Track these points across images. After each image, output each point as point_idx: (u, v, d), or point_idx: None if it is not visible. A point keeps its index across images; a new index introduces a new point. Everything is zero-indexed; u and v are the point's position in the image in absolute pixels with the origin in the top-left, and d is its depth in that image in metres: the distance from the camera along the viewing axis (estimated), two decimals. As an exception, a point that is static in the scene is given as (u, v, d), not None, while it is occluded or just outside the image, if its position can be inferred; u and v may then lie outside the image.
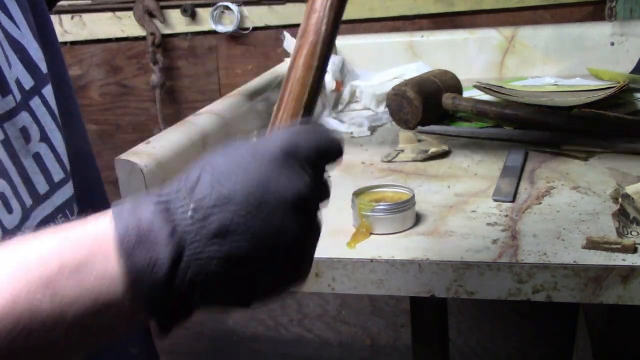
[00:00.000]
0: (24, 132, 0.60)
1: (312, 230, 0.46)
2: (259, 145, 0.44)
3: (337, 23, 0.53)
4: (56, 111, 0.64)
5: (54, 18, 1.76)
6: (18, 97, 0.60)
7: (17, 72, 0.60)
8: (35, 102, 0.62)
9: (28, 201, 0.59)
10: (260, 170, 0.43)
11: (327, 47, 0.53)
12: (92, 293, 0.40)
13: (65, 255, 0.41)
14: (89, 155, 0.75)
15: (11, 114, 0.59)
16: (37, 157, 0.61)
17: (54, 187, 0.63)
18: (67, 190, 0.64)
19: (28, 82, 0.61)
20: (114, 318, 0.41)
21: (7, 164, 0.57)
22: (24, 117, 0.60)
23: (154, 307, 0.41)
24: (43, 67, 0.63)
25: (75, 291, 0.40)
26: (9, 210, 0.56)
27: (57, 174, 0.63)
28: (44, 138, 0.62)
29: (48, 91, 0.63)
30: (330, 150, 0.47)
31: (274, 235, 0.42)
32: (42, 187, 0.61)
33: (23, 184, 0.59)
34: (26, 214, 0.59)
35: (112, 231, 0.41)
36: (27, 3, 0.64)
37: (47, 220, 0.62)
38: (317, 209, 0.46)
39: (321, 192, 0.47)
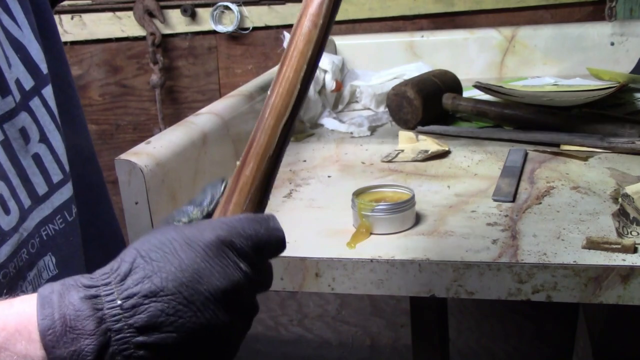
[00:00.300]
0: (24, 133, 0.60)
1: (244, 319, 0.46)
2: (196, 233, 0.44)
3: None
4: (56, 112, 0.64)
5: (54, 18, 1.76)
6: (18, 97, 0.60)
7: (17, 73, 0.60)
8: (35, 103, 0.62)
9: (27, 202, 0.59)
10: (195, 262, 0.43)
11: (333, 7, 0.52)
12: None
13: None
14: (91, 156, 0.75)
15: (11, 114, 0.59)
16: (36, 158, 0.61)
17: (53, 188, 0.63)
18: (66, 192, 0.64)
19: (28, 83, 0.61)
20: None
21: (5, 164, 0.57)
22: (23, 118, 0.60)
23: None
24: (43, 67, 0.63)
25: None
26: (7, 211, 0.56)
27: (56, 175, 0.63)
28: (43, 139, 0.62)
29: (48, 92, 0.63)
30: (269, 243, 0.46)
31: (204, 327, 0.42)
32: (41, 188, 0.61)
33: (22, 185, 0.59)
34: (24, 215, 0.58)
35: (36, 316, 0.41)
36: (29, 4, 0.64)
37: (46, 221, 0.61)
38: (253, 296, 0.46)
39: (259, 282, 0.46)
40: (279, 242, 0.47)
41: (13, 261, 0.56)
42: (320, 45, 0.52)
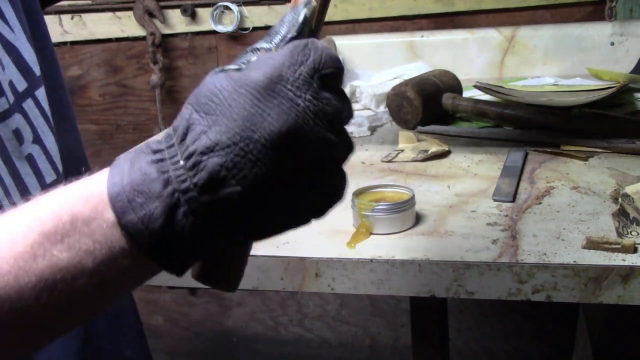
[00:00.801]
0: (17, 134, 0.61)
1: (322, 162, 0.43)
2: (242, 77, 0.41)
3: None
4: (49, 113, 0.64)
5: (54, 18, 1.76)
6: (11, 99, 0.60)
7: (10, 74, 0.61)
8: (29, 105, 0.62)
9: (20, 202, 0.60)
10: (244, 108, 0.40)
11: None
12: (107, 242, 0.40)
13: (76, 208, 0.41)
14: (82, 156, 0.76)
15: (4, 115, 0.59)
16: (30, 159, 0.62)
17: (46, 188, 0.63)
18: None
19: (21, 84, 0.62)
20: (130, 265, 0.41)
21: None
22: (17, 119, 0.61)
23: (157, 257, 0.41)
24: (36, 69, 0.64)
25: (91, 242, 0.40)
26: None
27: (49, 176, 0.64)
28: (37, 140, 0.63)
29: (41, 93, 0.64)
30: (324, 64, 0.42)
31: (267, 176, 0.40)
32: (34, 188, 0.62)
33: (15, 186, 0.59)
34: None
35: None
36: (20, 5, 0.64)
37: None
38: (331, 130, 0.43)
39: (333, 109, 0.43)
40: (334, 60, 0.43)
41: None
42: None
